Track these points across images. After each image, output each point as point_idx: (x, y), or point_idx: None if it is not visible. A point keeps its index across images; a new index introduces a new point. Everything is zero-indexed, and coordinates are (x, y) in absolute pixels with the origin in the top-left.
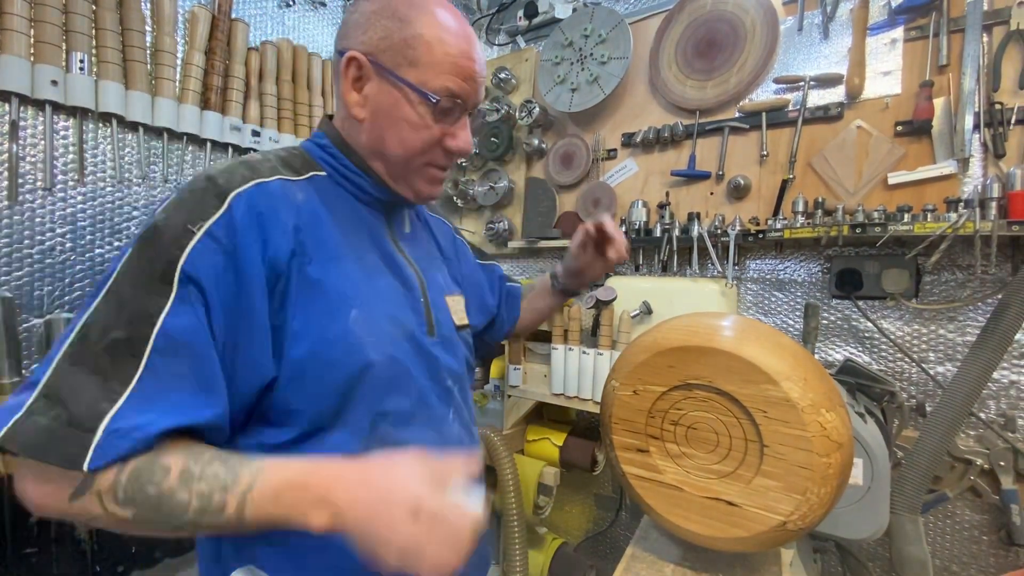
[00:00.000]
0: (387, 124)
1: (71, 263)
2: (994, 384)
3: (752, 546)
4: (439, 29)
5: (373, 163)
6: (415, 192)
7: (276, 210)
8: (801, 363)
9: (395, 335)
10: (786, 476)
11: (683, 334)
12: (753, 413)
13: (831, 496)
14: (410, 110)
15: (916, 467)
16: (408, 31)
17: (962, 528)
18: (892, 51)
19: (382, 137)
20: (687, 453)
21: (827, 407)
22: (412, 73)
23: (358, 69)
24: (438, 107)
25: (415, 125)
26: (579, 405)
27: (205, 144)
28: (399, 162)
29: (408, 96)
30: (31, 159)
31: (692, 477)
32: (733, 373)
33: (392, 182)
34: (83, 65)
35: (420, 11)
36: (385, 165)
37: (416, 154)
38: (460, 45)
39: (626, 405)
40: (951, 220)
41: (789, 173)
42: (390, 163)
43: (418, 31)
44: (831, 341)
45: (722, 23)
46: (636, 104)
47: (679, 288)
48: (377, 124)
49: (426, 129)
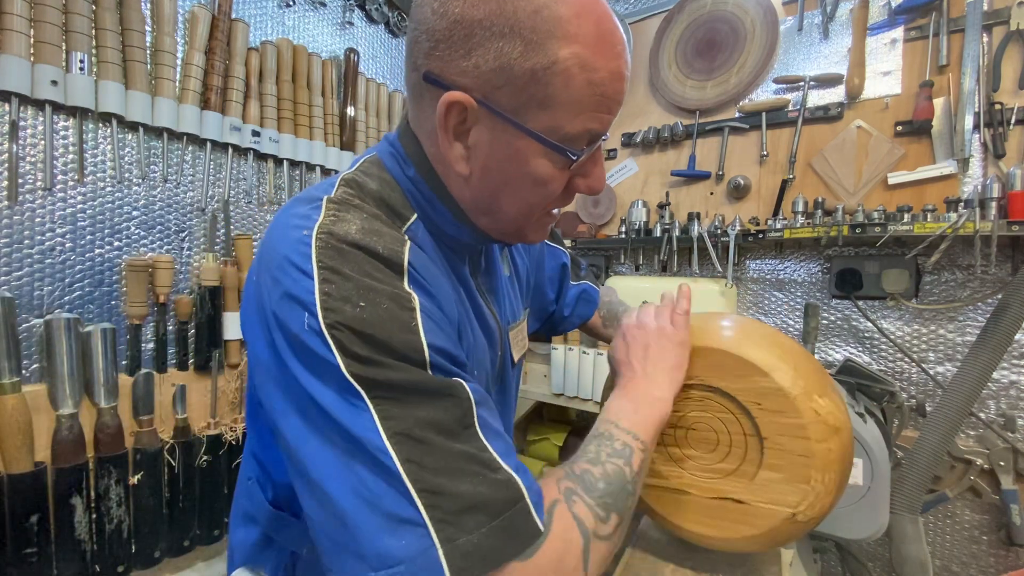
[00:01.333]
0: (502, 183)
1: (71, 263)
2: (994, 384)
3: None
4: (582, 47)
5: (478, 219)
6: (522, 240)
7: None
8: (788, 352)
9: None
10: (789, 467)
11: None
12: (748, 407)
13: (836, 483)
14: (535, 165)
15: (916, 467)
16: (540, 57)
17: (962, 528)
18: (892, 51)
19: (494, 197)
20: (688, 455)
21: (819, 392)
22: (541, 118)
23: (462, 113)
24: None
25: (541, 181)
26: (579, 405)
27: (205, 144)
28: (514, 220)
29: (533, 148)
30: (31, 159)
31: (695, 478)
32: (724, 369)
33: (497, 235)
34: (83, 65)
35: (557, 23)
36: (492, 222)
37: (538, 210)
38: (611, 65)
39: None
40: (951, 220)
41: (789, 173)
42: (500, 222)
43: (555, 56)
44: (831, 341)
45: (722, 23)
46: (636, 104)
47: None
48: (489, 182)
49: (554, 183)
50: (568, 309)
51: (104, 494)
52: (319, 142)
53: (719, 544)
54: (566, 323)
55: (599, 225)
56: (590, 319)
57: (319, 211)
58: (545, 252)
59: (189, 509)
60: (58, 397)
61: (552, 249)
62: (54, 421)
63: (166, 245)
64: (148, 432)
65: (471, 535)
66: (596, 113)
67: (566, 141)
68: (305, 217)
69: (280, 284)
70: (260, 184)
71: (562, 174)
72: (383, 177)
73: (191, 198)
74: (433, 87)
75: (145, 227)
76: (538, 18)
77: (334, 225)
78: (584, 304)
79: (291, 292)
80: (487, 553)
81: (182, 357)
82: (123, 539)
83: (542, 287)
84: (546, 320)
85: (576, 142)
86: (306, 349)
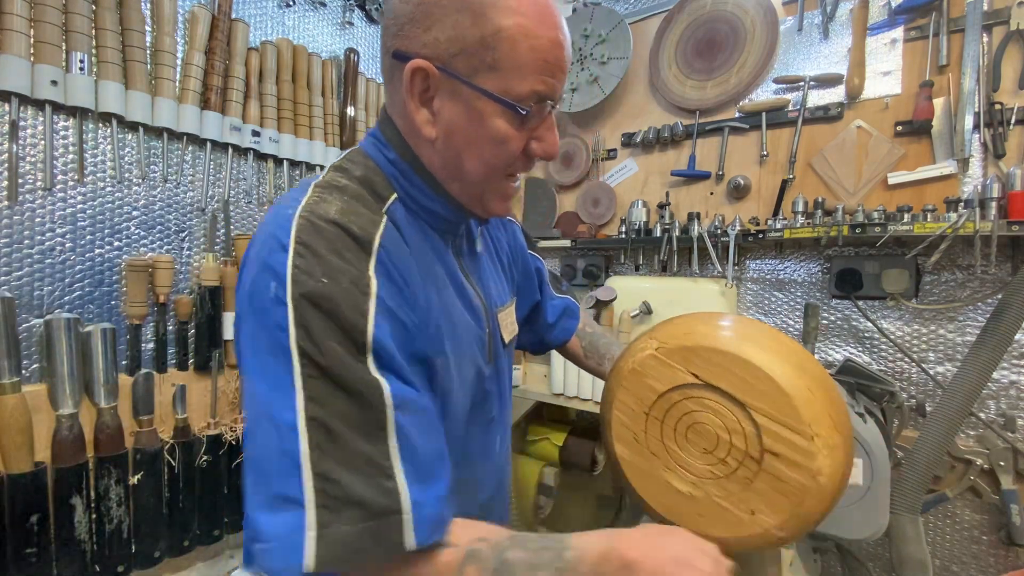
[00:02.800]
0: (465, 143)
1: (71, 263)
2: (994, 384)
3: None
4: (524, 17)
5: (449, 186)
6: (486, 210)
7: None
8: (789, 352)
9: (469, 375)
10: (788, 467)
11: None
12: (748, 407)
13: (836, 484)
14: (492, 124)
15: (916, 467)
16: (487, 26)
17: (962, 528)
18: (892, 51)
19: (459, 157)
20: (688, 454)
21: (819, 393)
22: (493, 80)
23: (425, 80)
24: (525, 115)
25: (498, 140)
26: (579, 405)
27: (205, 144)
28: (478, 182)
29: (488, 107)
30: (31, 159)
31: (695, 478)
32: (724, 369)
33: (467, 203)
34: (83, 65)
35: None
36: (462, 187)
37: (499, 171)
38: (550, 34)
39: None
40: (951, 220)
41: (789, 173)
42: (467, 184)
43: (499, 24)
44: (831, 341)
45: (722, 23)
46: (636, 104)
47: (679, 288)
48: (452, 143)
49: (511, 142)
50: (553, 316)
51: (104, 494)
52: (319, 142)
53: (718, 544)
54: (551, 332)
55: (599, 225)
56: (572, 335)
57: (306, 194)
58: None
59: (189, 509)
60: (58, 397)
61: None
62: (54, 421)
63: (166, 245)
64: (148, 432)
65: (345, 527)
66: (540, 76)
67: (517, 100)
68: (294, 200)
69: (260, 256)
70: (260, 184)
71: (519, 134)
72: (367, 164)
73: (191, 198)
74: (400, 62)
75: (145, 227)
76: None
77: (316, 205)
78: (568, 318)
79: (268, 262)
80: (353, 549)
81: (182, 357)
82: (123, 539)
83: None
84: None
85: (525, 101)
86: (268, 316)
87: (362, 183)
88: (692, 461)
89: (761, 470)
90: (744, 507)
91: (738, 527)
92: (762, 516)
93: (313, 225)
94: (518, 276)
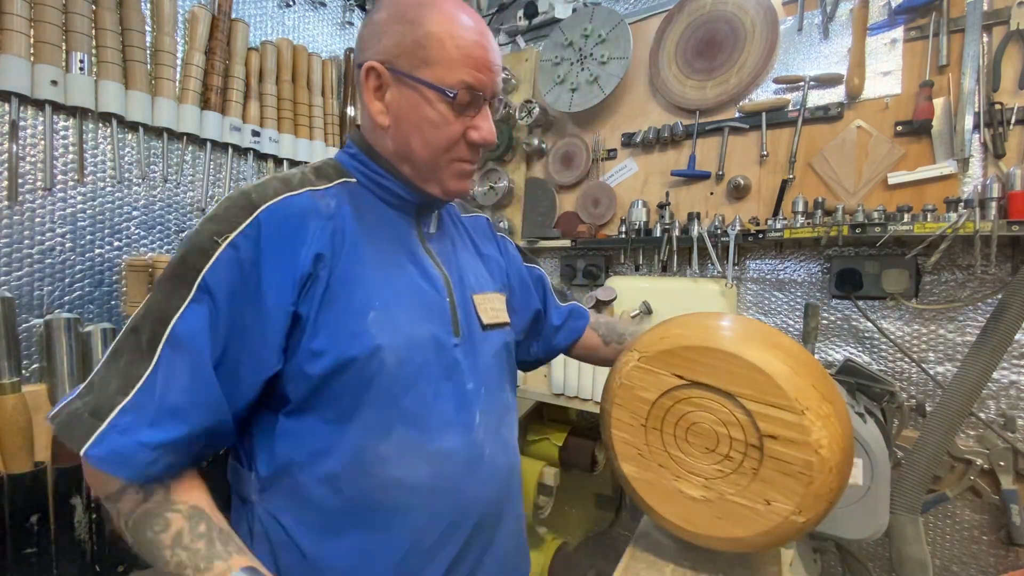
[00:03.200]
0: (410, 127)
1: (71, 263)
2: (994, 384)
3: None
4: (449, 23)
5: (402, 167)
6: (444, 189)
7: (303, 219)
8: (789, 353)
9: (414, 335)
10: (788, 468)
11: (683, 332)
12: (748, 407)
13: (835, 484)
14: (430, 109)
15: (916, 467)
16: (419, 31)
17: (962, 528)
18: (892, 51)
19: (407, 140)
20: (688, 454)
21: (819, 393)
22: (427, 72)
23: (377, 78)
24: (457, 101)
25: (437, 123)
26: (579, 405)
27: (205, 144)
28: (426, 162)
29: (426, 95)
30: (31, 159)
31: (695, 478)
32: (724, 369)
33: (422, 183)
34: (83, 65)
35: (428, 9)
36: (413, 167)
37: (441, 152)
38: (471, 36)
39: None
40: (951, 220)
41: (789, 173)
42: (417, 165)
43: (428, 29)
44: (831, 341)
45: (722, 23)
46: (636, 104)
47: (679, 288)
48: (401, 129)
49: (448, 125)
50: (559, 319)
51: None
52: (319, 142)
53: (718, 544)
54: (558, 335)
55: (599, 225)
56: (583, 333)
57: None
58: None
59: None
60: (58, 397)
61: (530, 266)
62: None
63: (166, 245)
64: None
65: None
66: (467, 68)
67: (449, 87)
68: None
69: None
70: None
71: (456, 120)
72: (327, 161)
73: (191, 198)
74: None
75: (145, 227)
76: (415, 9)
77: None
78: (575, 319)
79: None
80: (63, 423)
81: None
82: (123, 539)
83: (527, 287)
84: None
85: (455, 88)
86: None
87: (313, 171)
88: (698, 464)
89: (765, 456)
90: (758, 498)
91: (757, 522)
92: (778, 504)
93: (232, 192)
94: (515, 284)
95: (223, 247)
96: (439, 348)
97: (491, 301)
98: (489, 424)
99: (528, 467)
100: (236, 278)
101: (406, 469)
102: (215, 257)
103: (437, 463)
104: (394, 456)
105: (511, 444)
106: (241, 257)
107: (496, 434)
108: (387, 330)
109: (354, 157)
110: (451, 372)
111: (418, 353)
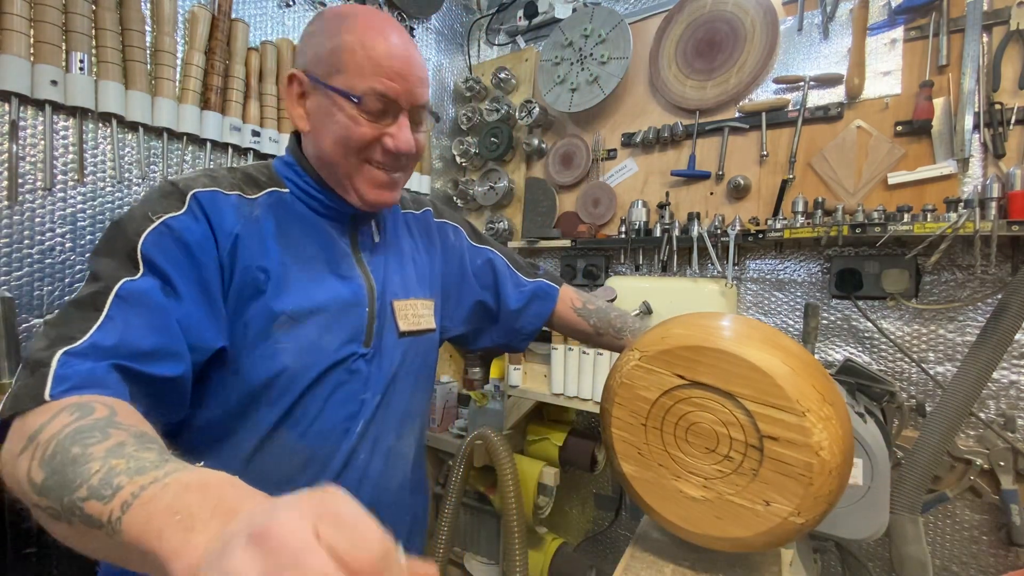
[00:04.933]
0: (324, 131)
1: (71, 263)
2: (994, 384)
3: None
4: (361, 34)
5: (322, 172)
6: (361, 198)
7: (224, 216)
8: (789, 352)
9: (318, 346)
10: (788, 468)
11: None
12: (748, 407)
13: (835, 484)
14: (342, 114)
15: (916, 467)
16: (335, 41)
17: (962, 528)
18: (892, 51)
19: (322, 143)
20: (688, 454)
21: (819, 393)
22: (339, 79)
23: (299, 85)
24: (367, 107)
25: (346, 125)
26: (579, 405)
27: (205, 144)
28: (337, 163)
29: (337, 101)
30: (31, 159)
31: (695, 478)
32: (724, 369)
33: (342, 192)
34: (83, 65)
35: (348, 21)
36: (329, 171)
37: (351, 152)
38: (382, 46)
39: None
40: (951, 220)
41: (789, 173)
42: (331, 168)
43: (343, 39)
44: (831, 341)
45: (722, 23)
46: (636, 104)
47: (679, 288)
48: (318, 132)
49: (358, 127)
50: (518, 302)
51: None
52: None
53: (718, 544)
54: (521, 319)
55: (599, 225)
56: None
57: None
58: (465, 251)
59: None
60: None
61: (476, 248)
62: None
63: None
64: None
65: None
66: (377, 76)
67: (358, 94)
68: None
69: None
70: None
71: (368, 126)
72: (263, 165)
73: None
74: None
75: None
76: (335, 21)
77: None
78: (539, 301)
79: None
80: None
81: None
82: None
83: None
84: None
85: (366, 95)
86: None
87: (245, 177)
88: (698, 463)
89: (765, 457)
90: (758, 499)
91: (757, 522)
92: (777, 505)
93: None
94: (451, 279)
95: (156, 224)
96: (341, 359)
97: (413, 307)
98: (380, 435)
99: (528, 467)
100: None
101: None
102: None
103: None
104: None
105: (404, 455)
106: (175, 237)
107: (384, 445)
108: (290, 337)
109: (288, 166)
110: (349, 382)
111: (319, 362)
